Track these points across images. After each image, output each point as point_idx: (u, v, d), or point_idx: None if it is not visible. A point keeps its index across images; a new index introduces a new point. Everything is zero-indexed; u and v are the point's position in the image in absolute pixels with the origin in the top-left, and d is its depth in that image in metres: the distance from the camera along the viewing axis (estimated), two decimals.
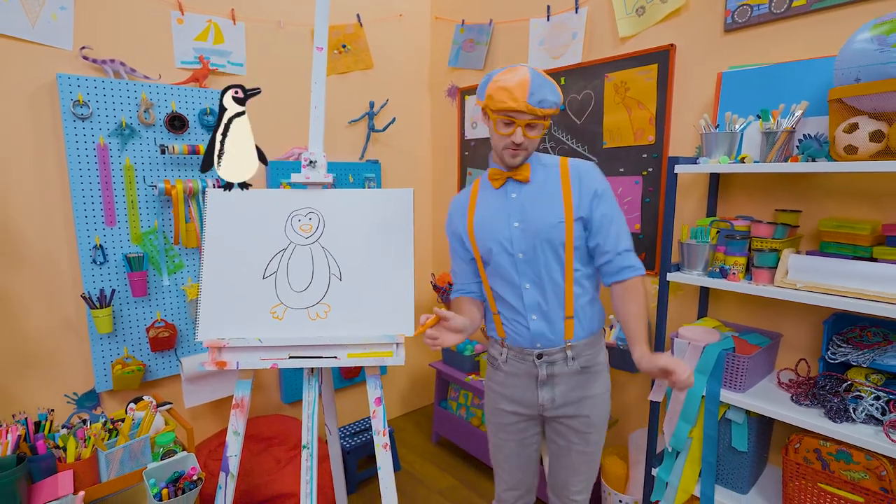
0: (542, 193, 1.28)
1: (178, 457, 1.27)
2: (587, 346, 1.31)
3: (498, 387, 1.40)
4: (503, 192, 1.32)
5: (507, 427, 1.40)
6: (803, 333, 1.59)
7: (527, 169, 1.28)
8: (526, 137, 1.21)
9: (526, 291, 1.29)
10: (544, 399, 1.33)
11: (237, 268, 1.44)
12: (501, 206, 1.31)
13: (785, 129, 1.38)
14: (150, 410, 1.34)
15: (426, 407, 3.13)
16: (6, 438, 1.12)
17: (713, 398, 1.49)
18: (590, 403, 1.33)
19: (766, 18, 1.58)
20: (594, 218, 1.26)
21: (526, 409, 1.36)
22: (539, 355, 1.30)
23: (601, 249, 1.27)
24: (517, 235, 1.28)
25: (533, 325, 1.29)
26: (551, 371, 1.31)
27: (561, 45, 2.19)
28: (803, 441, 1.35)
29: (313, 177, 1.51)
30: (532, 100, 1.16)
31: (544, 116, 1.20)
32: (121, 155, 1.89)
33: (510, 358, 1.35)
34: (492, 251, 1.31)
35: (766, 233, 1.47)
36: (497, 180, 1.32)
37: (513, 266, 1.29)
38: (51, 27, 1.77)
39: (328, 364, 1.38)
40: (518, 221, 1.28)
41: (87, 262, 1.85)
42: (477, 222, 1.34)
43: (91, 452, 1.17)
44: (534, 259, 1.27)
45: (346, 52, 2.53)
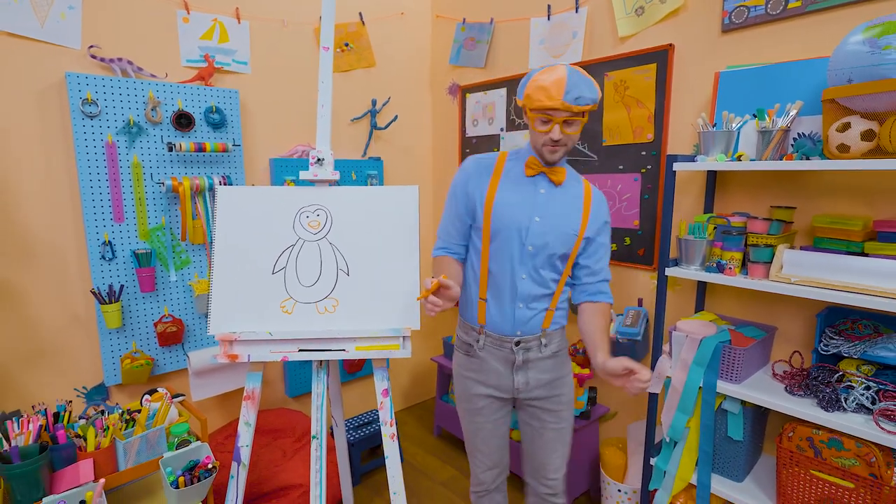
0: (567, 201, 1.37)
1: (193, 446, 1.31)
2: (558, 334, 1.45)
3: (472, 374, 1.46)
4: (532, 184, 1.37)
5: (482, 411, 1.47)
6: (797, 326, 1.64)
7: (563, 173, 1.37)
8: (564, 134, 1.26)
9: (521, 281, 1.36)
10: (519, 383, 1.42)
11: (247, 263, 1.47)
12: (528, 197, 1.36)
13: (780, 128, 1.42)
14: (165, 401, 1.37)
15: (427, 401, 3.18)
16: (28, 428, 1.15)
17: (710, 389, 1.53)
18: (560, 383, 1.45)
19: (762, 19, 1.62)
20: (596, 242, 1.40)
21: (501, 392, 1.44)
22: (517, 342, 1.39)
23: (591, 270, 1.42)
24: (535, 230, 1.34)
25: (519, 313, 1.37)
26: (526, 357, 1.40)
27: (561, 44, 2.22)
28: (797, 430, 1.40)
29: (321, 174, 1.55)
30: (568, 97, 1.20)
31: (581, 113, 1.24)
32: (129, 152, 1.92)
33: (487, 345, 1.42)
34: (501, 233, 1.35)
35: (761, 229, 1.52)
36: (532, 169, 1.36)
37: (519, 255, 1.35)
38: (59, 26, 1.79)
39: (337, 356, 1.43)
40: (540, 217, 1.34)
41: (96, 258, 1.88)
42: (499, 200, 1.36)
43: (110, 442, 1.21)
44: (540, 255, 1.35)
45: (349, 51, 2.56)
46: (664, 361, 1.67)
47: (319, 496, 1.40)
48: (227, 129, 2.13)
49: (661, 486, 1.68)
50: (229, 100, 2.12)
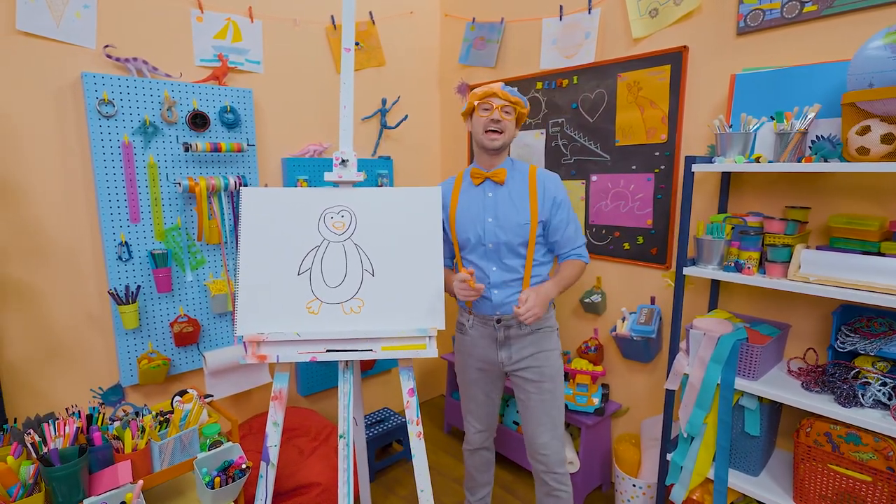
0: (513, 196, 1.59)
1: (226, 447, 1.32)
2: None
3: (466, 348, 1.73)
4: (481, 191, 1.63)
5: (475, 381, 1.74)
6: (810, 324, 1.68)
7: (503, 173, 1.60)
8: (502, 118, 1.52)
9: (493, 273, 1.61)
10: (503, 357, 1.65)
11: (273, 264, 1.48)
12: (479, 203, 1.62)
13: (798, 131, 1.45)
14: (197, 402, 1.38)
15: (436, 398, 3.20)
16: (65, 431, 1.16)
17: (728, 386, 1.57)
18: (541, 357, 1.63)
19: (777, 23, 1.65)
20: (553, 222, 1.60)
21: (489, 365, 1.69)
22: (498, 320, 1.62)
23: (559, 245, 1.63)
24: (490, 229, 1.59)
25: (495, 298, 1.60)
26: (507, 334, 1.62)
27: (574, 44, 2.24)
28: (814, 425, 1.44)
29: (345, 175, 1.56)
30: (505, 89, 1.53)
31: (515, 102, 1.54)
32: (145, 153, 1.91)
33: (476, 324, 1.68)
34: (469, 240, 1.62)
35: (778, 229, 1.55)
36: (477, 178, 1.62)
37: (483, 253, 1.61)
38: (75, 26, 1.78)
39: (364, 357, 1.44)
40: (492, 217, 1.59)
41: (113, 259, 1.87)
42: (458, 213, 1.64)
43: (146, 443, 1.21)
44: (501, 249, 1.59)
45: (360, 50, 2.56)
46: (681, 359, 1.70)
47: (347, 495, 1.42)
48: (241, 129, 2.13)
49: (678, 480, 1.72)
50: (243, 99, 2.12)
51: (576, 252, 1.64)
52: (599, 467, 2.23)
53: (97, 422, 1.26)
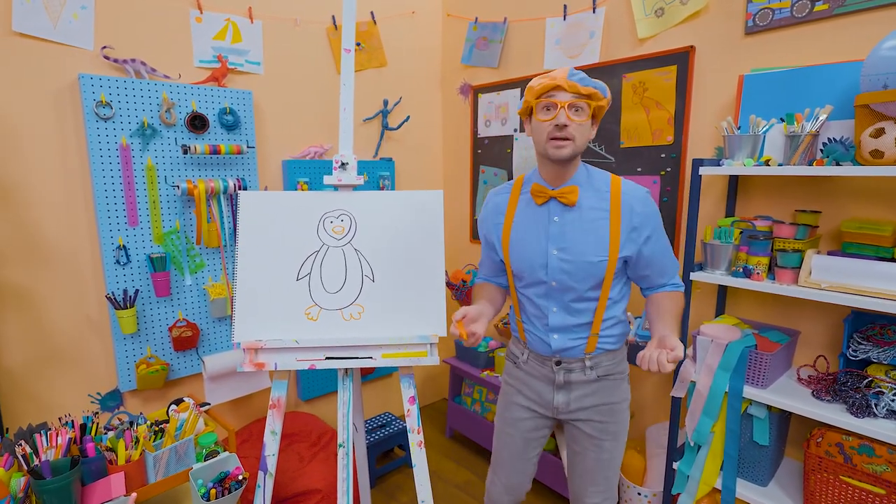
0: (587, 223, 1.20)
1: (222, 457, 1.29)
2: (607, 357, 1.32)
3: (516, 383, 1.43)
4: (545, 212, 1.25)
5: (517, 423, 1.41)
6: (820, 330, 1.64)
7: (574, 192, 1.20)
8: (570, 120, 1.11)
9: (553, 314, 1.29)
10: (559, 402, 1.35)
11: (271, 270, 1.45)
12: (541, 228, 1.25)
13: (809, 133, 1.41)
14: (193, 411, 1.35)
15: (438, 402, 3.17)
16: (58, 441, 1.13)
17: (736, 394, 1.53)
18: (605, 410, 1.33)
19: (787, 22, 1.61)
20: (643, 256, 1.23)
21: (541, 408, 1.38)
22: (558, 362, 1.33)
23: (649, 281, 1.30)
24: (554, 264, 1.23)
25: (554, 343, 1.31)
26: (568, 378, 1.32)
27: (578, 44, 2.21)
28: (826, 435, 1.40)
29: (345, 178, 1.53)
30: (573, 77, 1.11)
31: (588, 96, 1.12)
32: (143, 155, 1.88)
33: (531, 359, 1.38)
34: (524, 272, 1.29)
35: (788, 233, 1.51)
36: (540, 197, 1.24)
37: (545, 291, 1.28)
38: (72, 27, 1.76)
39: (364, 364, 1.41)
40: (557, 249, 1.23)
41: (111, 263, 1.85)
42: (513, 239, 1.30)
43: (140, 454, 1.19)
44: (566, 289, 1.25)
45: (361, 50, 2.53)
46: (688, 366, 1.67)
47: None
48: (240, 131, 2.10)
49: (685, 490, 1.68)
50: (243, 101, 2.09)
51: (674, 282, 1.30)
52: None
53: (91, 432, 1.24)
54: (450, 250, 3.05)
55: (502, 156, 2.62)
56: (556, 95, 1.13)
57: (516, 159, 2.55)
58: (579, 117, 1.13)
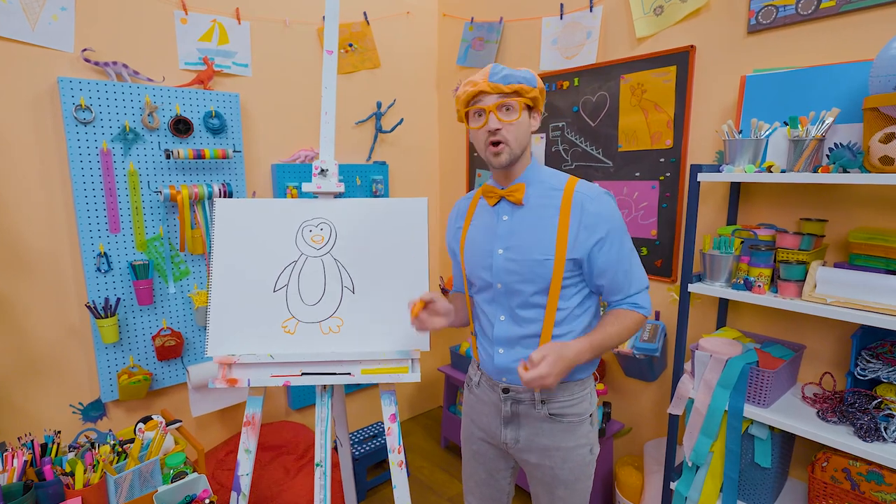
0: (534, 221, 1.12)
1: (190, 479, 1.24)
2: (562, 392, 1.15)
3: (469, 410, 1.31)
4: (496, 212, 1.18)
5: (477, 455, 1.30)
6: (827, 346, 1.55)
7: (520, 190, 1.13)
8: (502, 122, 1.06)
9: (499, 323, 1.17)
10: (507, 437, 1.21)
11: (247, 280, 1.39)
12: (491, 228, 1.18)
13: (814, 137, 1.33)
14: (159, 431, 1.30)
15: (434, 410, 3.11)
16: (13, 464, 1.08)
17: (736, 413, 1.45)
18: (557, 456, 1.17)
19: (792, 20, 1.52)
20: (596, 262, 1.11)
21: (492, 439, 1.25)
22: (505, 389, 1.18)
23: (606, 292, 1.15)
24: (499, 264, 1.14)
25: (498, 359, 1.18)
26: (516, 410, 1.19)
27: (575, 44, 2.13)
28: (831, 459, 1.32)
29: (325, 186, 1.47)
30: (494, 78, 1.05)
31: (514, 92, 1.05)
32: (124, 160, 1.84)
33: (482, 382, 1.26)
34: (472, 275, 1.21)
35: (792, 243, 1.43)
36: (492, 197, 1.18)
37: (490, 295, 1.18)
38: (51, 29, 1.71)
39: (342, 381, 1.35)
40: (503, 248, 1.14)
41: (92, 271, 1.81)
42: (468, 241, 1.23)
43: (100, 477, 1.14)
44: (512, 292, 1.14)
45: (353, 51, 2.47)
46: (686, 382, 1.59)
47: None
48: (226, 135, 2.05)
49: None
50: (229, 104, 2.04)
51: (630, 301, 1.14)
52: (600, 492, 2.11)
53: (51, 452, 1.19)
54: (444, 256, 2.98)
55: None
56: (483, 100, 1.07)
57: None
58: (510, 116, 1.07)
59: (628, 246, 1.14)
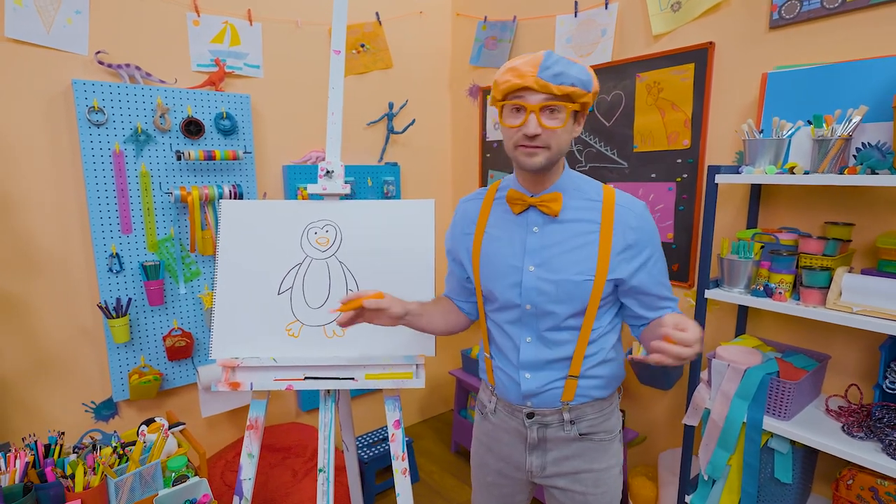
0: (573, 237, 1.00)
1: (191, 482, 1.23)
2: (592, 408, 1.08)
3: (485, 438, 1.19)
4: (523, 222, 1.04)
5: (490, 487, 1.19)
6: (853, 356, 1.48)
7: (557, 201, 0.99)
8: (543, 127, 0.90)
9: (525, 345, 1.05)
10: (533, 465, 1.11)
11: (251, 283, 1.39)
12: (517, 240, 1.04)
13: (840, 137, 1.26)
14: (161, 434, 1.30)
15: (445, 413, 3.07)
16: (14, 466, 1.09)
17: (755, 426, 1.39)
18: (589, 479, 1.08)
19: (817, 14, 1.45)
20: (634, 280, 1.01)
21: (513, 470, 1.15)
22: (529, 414, 1.08)
23: (640, 307, 1.05)
24: (530, 283, 1.02)
25: (525, 384, 1.06)
26: (543, 434, 1.08)
27: (589, 42, 2.08)
28: (857, 477, 1.25)
29: (330, 187, 1.45)
30: (545, 73, 0.87)
31: (565, 96, 0.89)
32: (136, 161, 1.85)
33: (499, 409, 1.14)
34: (495, 292, 1.06)
35: (816, 248, 1.36)
36: (518, 204, 1.03)
37: (517, 315, 1.05)
38: (66, 32, 1.73)
39: (345, 386, 1.33)
40: (535, 265, 1.02)
41: (104, 271, 1.82)
42: (484, 254, 1.08)
43: (100, 480, 1.14)
44: (543, 314, 1.02)
45: (365, 52, 2.46)
46: (702, 391, 1.53)
47: None
48: (237, 136, 2.05)
49: None
50: (240, 105, 2.04)
51: (670, 309, 1.07)
52: None
53: (54, 454, 1.19)
54: None
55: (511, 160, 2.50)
56: (525, 97, 0.90)
57: None
58: (554, 122, 0.91)
59: (664, 261, 1.06)
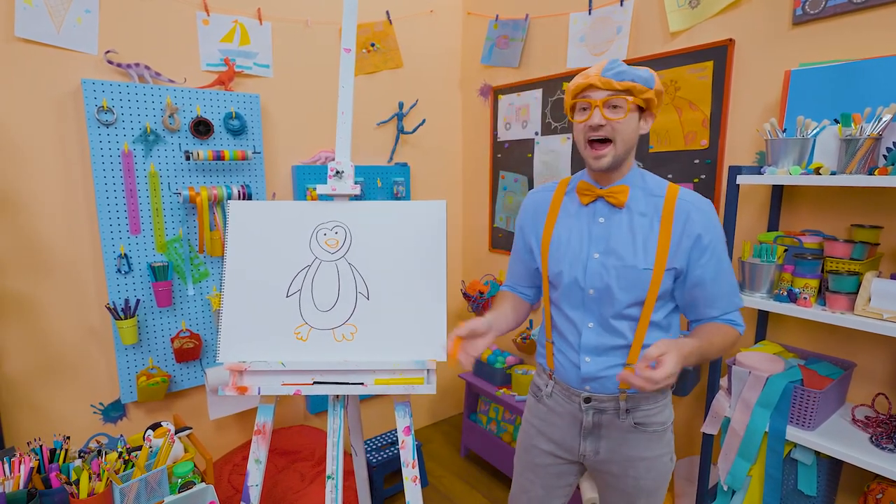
0: (635, 227, 1.07)
1: (197, 489, 1.20)
2: (647, 400, 1.12)
3: (537, 421, 1.24)
4: (590, 212, 1.12)
5: (537, 468, 1.24)
6: (880, 363, 1.42)
7: (624, 192, 1.07)
8: (607, 120, 1.00)
9: (587, 330, 1.12)
10: (587, 449, 1.16)
11: (259, 285, 1.36)
12: (584, 229, 1.12)
13: (870, 136, 1.21)
14: (167, 439, 1.27)
15: (454, 416, 3.04)
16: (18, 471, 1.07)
17: (778, 436, 1.34)
18: (641, 466, 1.13)
19: (843, 9, 1.40)
20: (694, 273, 1.05)
21: (565, 453, 1.20)
22: (587, 399, 1.13)
23: (700, 305, 1.09)
24: (594, 268, 1.09)
25: (585, 367, 1.12)
26: (598, 420, 1.14)
27: (604, 40, 2.04)
28: (887, 492, 1.20)
29: (339, 188, 1.42)
30: (608, 73, 1.00)
31: (626, 90, 0.99)
32: (145, 162, 1.84)
33: (556, 392, 1.19)
34: (562, 277, 1.13)
35: (842, 252, 1.31)
36: (586, 195, 1.11)
37: (580, 300, 1.12)
38: (76, 31, 1.72)
39: (354, 391, 1.30)
40: (599, 253, 1.09)
41: (112, 272, 1.81)
42: (554, 242, 1.15)
43: (105, 486, 1.12)
44: (606, 299, 1.08)
45: (375, 51, 2.43)
46: (721, 399, 1.48)
47: None
48: (247, 136, 2.03)
49: None
50: (250, 105, 2.03)
51: (729, 317, 1.10)
52: None
53: (59, 458, 1.18)
54: (468, 260, 2.92)
55: (522, 161, 2.47)
56: (591, 94, 1.02)
57: (537, 164, 2.39)
58: (616, 115, 1.01)
59: (728, 261, 1.09)
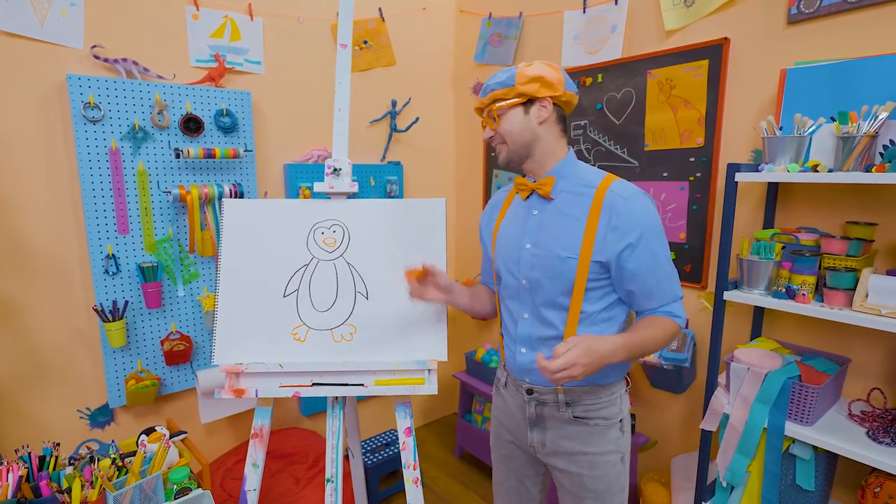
0: (562, 217, 1.10)
1: (193, 495, 1.17)
2: (589, 394, 1.12)
3: (498, 412, 1.29)
4: (527, 206, 1.17)
5: (507, 459, 1.29)
6: (875, 359, 1.44)
7: (549, 184, 1.11)
8: (492, 129, 1.13)
9: (522, 321, 1.16)
10: (534, 441, 1.19)
11: (256, 285, 1.33)
12: (521, 222, 1.17)
13: (866, 134, 1.22)
14: (162, 444, 1.24)
15: (448, 416, 3.02)
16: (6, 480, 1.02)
17: (776, 432, 1.35)
18: (585, 461, 1.13)
19: (839, 8, 1.42)
20: (626, 267, 1.05)
21: (521, 443, 1.23)
22: (529, 390, 1.16)
23: (637, 299, 1.09)
24: (526, 259, 1.13)
25: (520, 358, 1.16)
26: (541, 412, 1.16)
27: (599, 39, 2.04)
28: (885, 485, 1.21)
29: (337, 186, 1.40)
30: (478, 94, 1.15)
31: (492, 101, 1.11)
32: (134, 159, 1.79)
33: (509, 383, 1.24)
34: (501, 270, 1.20)
35: (839, 249, 1.32)
36: (523, 189, 1.17)
37: (516, 291, 1.16)
38: (60, 25, 1.67)
39: (354, 392, 1.27)
40: (531, 243, 1.13)
41: (100, 273, 1.76)
42: (500, 235, 1.22)
43: (98, 494, 1.08)
44: (536, 289, 1.12)
45: (368, 49, 2.40)
46: (720, 395, 1.49)
47: None
48: (238, 134, 2.00)
49: None
50: (241, 102, 1.99)
51: (664, 309, 1.09)
52: None
53: (49, 466, 1.13)
54: (461, 259, 2.90)
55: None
56: (480, 115, 1.17)
57: None
58: (494, 123, 1.13)
59: (664, 252, 1.08)
